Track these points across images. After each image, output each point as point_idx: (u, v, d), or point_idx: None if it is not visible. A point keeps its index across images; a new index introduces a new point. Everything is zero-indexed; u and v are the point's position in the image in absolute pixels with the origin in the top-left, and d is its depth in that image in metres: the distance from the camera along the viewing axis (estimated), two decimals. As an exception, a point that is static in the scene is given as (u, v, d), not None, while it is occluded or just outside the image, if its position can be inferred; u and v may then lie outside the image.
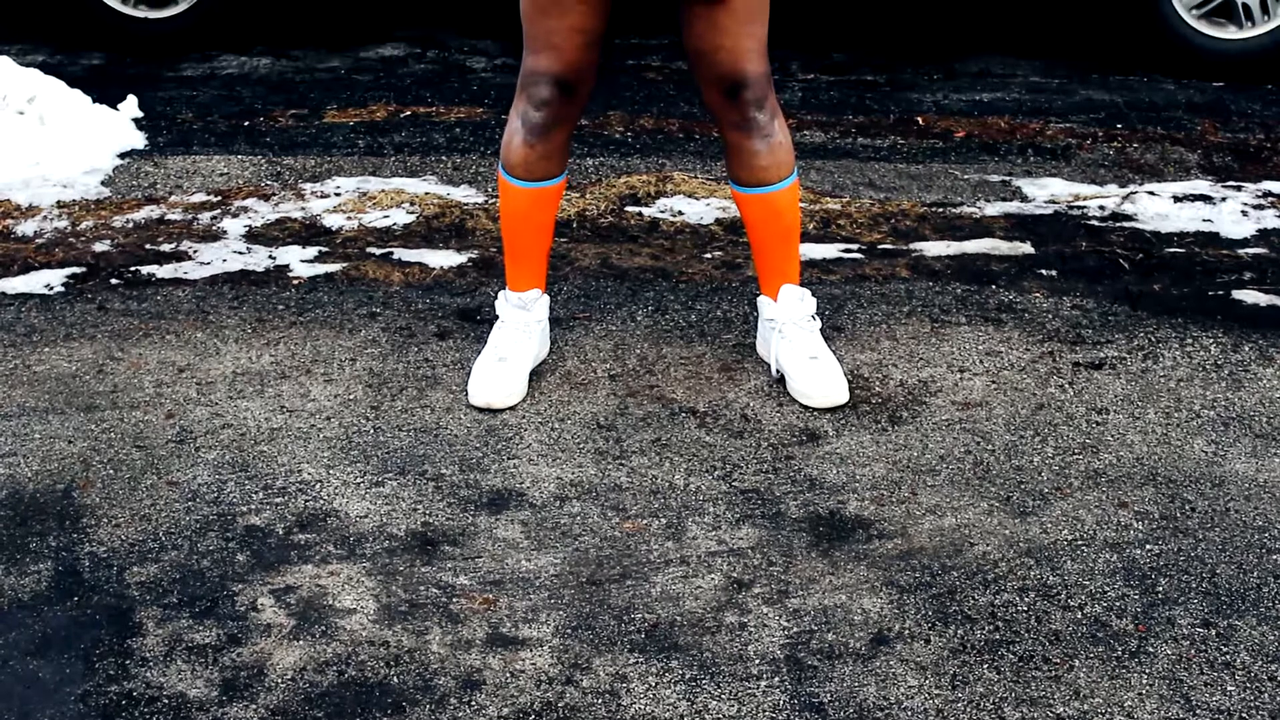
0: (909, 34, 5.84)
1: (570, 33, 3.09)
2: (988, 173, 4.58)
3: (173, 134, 4.90)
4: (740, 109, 3.19)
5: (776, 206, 3.31)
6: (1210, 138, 4.87)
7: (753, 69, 3.16)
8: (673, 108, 5.08)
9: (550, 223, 3.38)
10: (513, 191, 3.30)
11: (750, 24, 3.12)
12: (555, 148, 3.25)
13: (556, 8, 3.08)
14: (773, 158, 3.26)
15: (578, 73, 3.15)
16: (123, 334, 3.64)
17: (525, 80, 3.19)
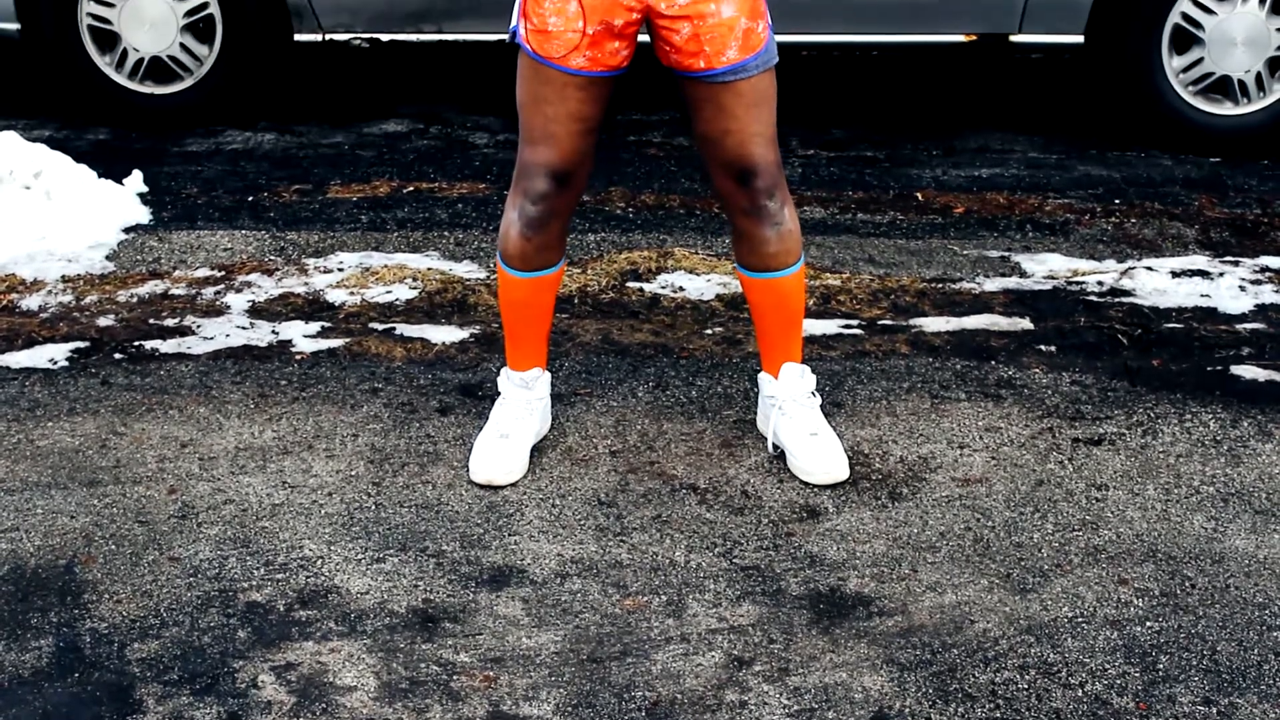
0: (908, 110, 5.89)
1: (568, 120, 3.10)
2: (987, 248, 4.61)
3: (177, 209, 4.93)
4: (751, 196, 3.20)
5: (783, 291, 3.32)
6: (1208, 213, 4.90)
7: (763, 156, 3.17)
8: (674, 183, 5.12)
9: (550, 307, 3.39)
10: (511, 281, 3.31)
11: (757, 108, 3.13)
12: (553, 238, 3.25)
13: (555, 95, 3.09)
14: (782, 245, 3.26)
15: (574, 163, 3.15)
16: (126, 409, 3.65)
17: (521, 173, 3.20)
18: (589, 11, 3.02)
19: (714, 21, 3.03)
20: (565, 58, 3.05)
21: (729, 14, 3.04)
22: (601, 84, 3.10)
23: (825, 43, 5.49)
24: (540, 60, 3.07)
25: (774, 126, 3.18)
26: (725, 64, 3.06)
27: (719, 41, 3.04)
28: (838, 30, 5.42)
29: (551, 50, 3.05)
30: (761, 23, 3.10)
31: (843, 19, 5.38)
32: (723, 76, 3.07)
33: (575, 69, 3.05)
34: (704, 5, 3.03)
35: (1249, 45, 5.26)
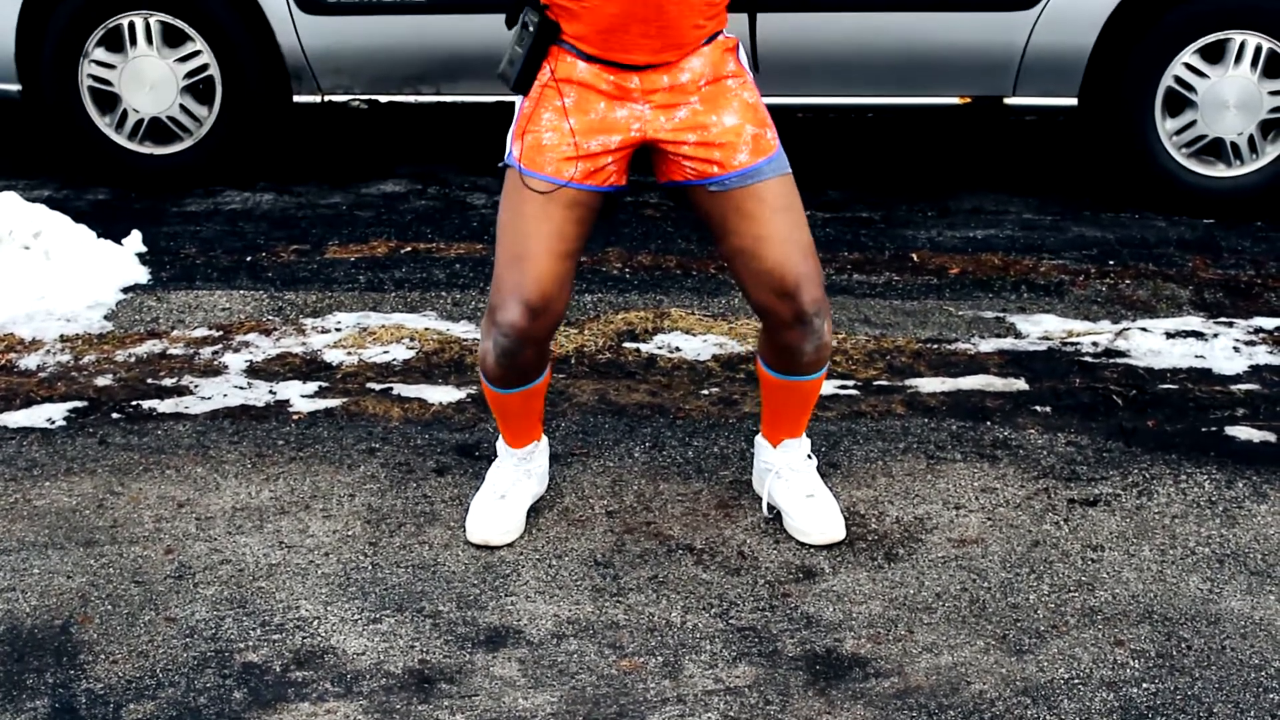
0: (903, 171, 5.93)
1: (548, 238, 3.02)
2: (982, 309, 4.63)
3: (176, 269, 4.95)
4: (797, 312, 3.10)
5: (804, 390, 3.30)
6: (1201, 274, 4.92)
7: (804, 267, 3.08)
8: (670, 244, 5.14)
9: (540, 405, 3.36)
10: (495, 394, 3.28)
11: (785, 213, 3.07)
12: (530, 362, 3.17)
13: (539, 211, 3.02)
14: (817, 355, 3.20)
15: (549, 290, 3.04)
16: (123, 469, 3.66)
17: (493, 303, 3.10)
18: (585, 129, 3.01)
19: (718, 130, 3.03)
20: (558, 170, 3.01)
21: (732, 122, 3.04)
22: (587, 205, 3.06)
23: (821, 105, 5.53)
24: (531, 174, 3.02)
25: (809, 236, 3.11)
26: (739, 167, 3.03)
27: (729, 147, 3.02)
28: (833, 93, 5.46)
29: (543, 163, 3.02)
30: (769, 130, 3.08)
31: (838, 82, 5.42)
32: (740, 181, 3.03)
33: (565, 179, 3.01)
34: (704, 117, 3.03)
35: (1241, 108, 5.30)
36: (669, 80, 3.01)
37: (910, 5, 5.26)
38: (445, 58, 5.44)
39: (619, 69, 3.00)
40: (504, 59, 3.08)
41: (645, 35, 2.95)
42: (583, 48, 3.00)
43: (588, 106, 3.01)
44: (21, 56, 5.58)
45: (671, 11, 2.94)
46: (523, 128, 3.05)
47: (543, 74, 3.04)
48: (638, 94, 3.01)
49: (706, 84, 3.04)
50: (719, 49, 3.06)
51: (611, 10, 2.93)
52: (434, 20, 5.37)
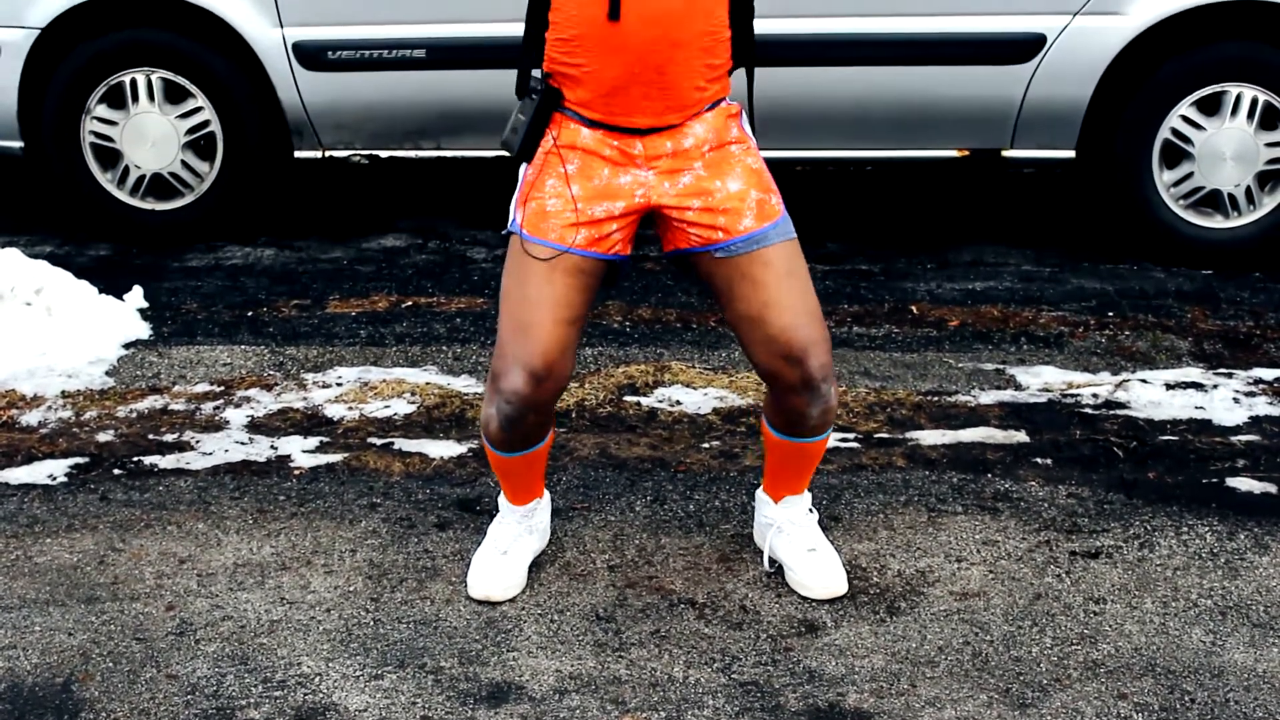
0: (902, 223, 5.95)
1: (552, 306, 3.03)
2: (982, 361, 4.64)
3: (177, 324, 4.96)
4: (805, 378, 3.10)
5: (808, 450, 3.30)
6: (1200, 325, 4.93)
7: (811, 332, 3.08)
8: (670, 298, 5.16)
9: (542, 466, 3.36)
10: (498, 457, 3.28)
11: (790, 278, 3.07)
12: (533, 426, 3.16)
13: (543, 278, 3.03)
14: (823, 418, 3.20)
15: (552, 358, 3.04)
16: (124, 525, 3.66)
17: (497, 367, 3.10)
18: (589, 196, 3.03)
19: (723, 195, 3.04)
20: (562, 236, 3.02)
21: (736, 187, 3.05)
22: (591, 273, 3.07)
23: (820, 158, 5.55)
24: (535, 240, 3.03)
25: (816, 301, 3.11)
26: (744, 232, 3.04)
27: (734, 213, 3.04)
28: (832, 146, 5.49)
29: (547, 230, 3.03)
30: (774, 196, 3.09)
31: (837, 135, 5.45)
32: (745, 246, 3.04)
33: (570, 245, 3.02)
34: (708, 182, 3.05)
35: (1238, 160, 5.32)
36: (672, 146, 3.03)
37: (908, 59, 5.29)
38: (445, 113, 5.47)
39: (622, 133, 3.01)
40: (507, 127, 3.09)
41: (647, 98, 2.97)
42: (586, 113, 3.01)
43: (591, 173, 3.03)
44: (24, 113, 5.61)
45: (672, 74, 2.96)
46: (526, 195, 3.07)
47: (546, 141, 3.05)
48: (641, 160, 3.03)
49: (710, 150, 3.05)
50: (722, 115, 3.07)
51: (613, 73, 2.95)
52: (434, 76, 5.41)
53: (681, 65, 2.97)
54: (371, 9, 5.38)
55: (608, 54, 2.95)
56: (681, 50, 2.96)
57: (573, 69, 2.99)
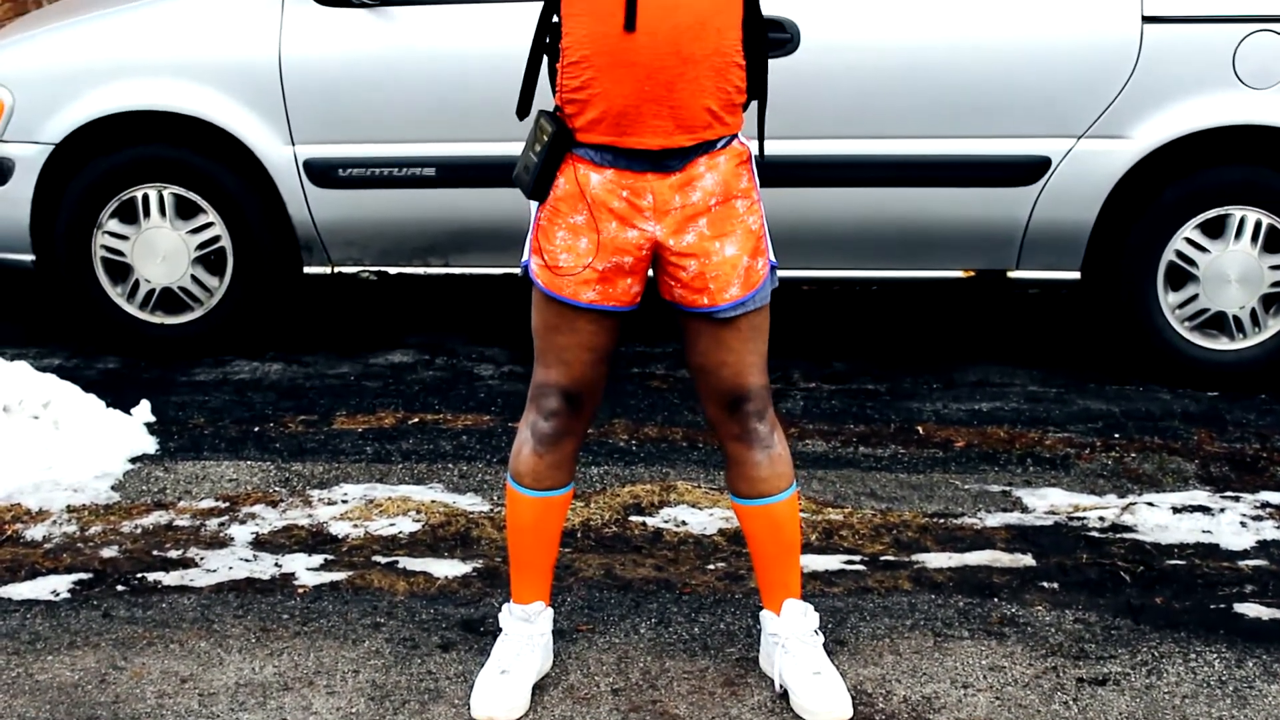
0: (908, 343, 5.96)
1: (579, 350, 3.19)
2: (988, 483, 4.63)
3: (184, 439, 4.97)
4: (741, 421, 3.26)
5: (777, 519, 3.35)
6: (1207, 447, 4.93)
7: (754, 382, 3.25)
8: (677, 416, 5.16)
9: (556, 534, 3.42)
10: (521, 501, 3.35)
11: (753, 340, 3.22)
12: (563, 457, 3.31)
13: (567, 326, 3.17)
14: (773, 469, 3.31)
15: (586, 387, 3.24)
16: (127, 642, 3.64)
17: (535, 392, 3.27)
18: (598, 250, 3.10)
19: (718, 260, 3.11)
20: (576, 293, 3.13)
21: (732, 252, 3.12)
22: (613, 316, 3.19)
23: (826, 278, 5.58)
24: (550, 295, 3.16)
25: (765, 354, 3.27)
26: (728, 301, 3.15)
27: (723, 280, 3.12)
28: (838, 266, 5.52)
29: (562, 286, 3.14)
30: (762, 259, 3.18)
31: (843, 255, 5.48)
32: (724, 313, 3.16)
33: (586, 303, 3.13)
34: (709, 244, 3.11)
35: (1243, 282, 5.34)
36: (681, 200, 3.08)
37: (914, 181, 5.33)
38: (454, 231, 5.51)
39: (634, 173, 3.05)
40: (519, 163, 3.17)
41: (657, 116, 3.03)
42: (597, 138, 3.06)
43: (600, 225, 3.09)
44: (36, 226, 5.65)
45: (682, 91, 3.01)
46: (539, 243, 3.15)
47: (557, 186, 3.11)
48: (649, 212, 3.08)
49: (717, 204, 3.11)
50: (733, 161, 3.13)
51: (623, 91, 3.00)
52: (443, 194, 5.45)
53: (691, 83, 3.02)
54: (382, 127, 5.43)
55: (618, 70, 3.00)
56: (692, 67, 3.01)
57: (582, 93, 3.05)
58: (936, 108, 5.28)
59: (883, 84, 5.26)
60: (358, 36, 5.40)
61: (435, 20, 5.41)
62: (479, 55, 5.33)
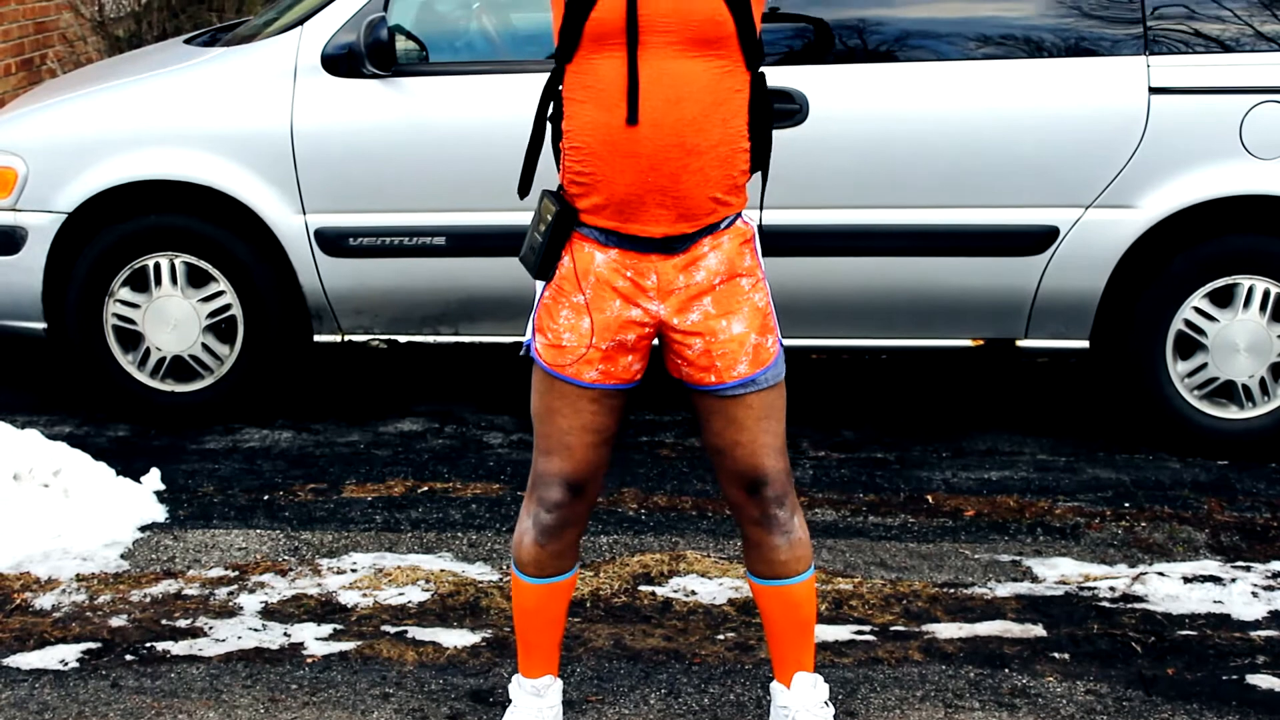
0: (917, 411, 5.96)
1: (582, 432, 3.14)
2: (998, 552, 4.62)
3: (193, 507, 4.97)
4: (761, 505, 3.21)
5: (793, 599, 3.31)
6: (1217, 517, 4.92)
7: (773, 465, 3.19)
8: (686, 485, 5.16)
9: (563, 614, 3.39)
10: (525, 588, 3.32)
11: (766, 420, 3.16)
12: (566, 545, 3.27)
13: (569, 407, 3.13)
14: (792, 553, 3.26)
15: (588, 473, 3.19)
16: (135, 713, 3.63)
17: (536, 481, 3.22)
18: (601, 329, 3.08)
19: (725, 338, 3.10)
20: (578, 371, 3.11)
21: (739, 330, 3.11)
22: (616, 396, 3.16)
23: (835, 347, 5.59)
24: (554, 374, 3.13)
25: (783, 436, 3.21)
26: (735, 378, 3.11)
27: (730, 357, 3.10)
28: (847, 335, 5.53)
29: (565, 364, 3.11)
30: (771, 337, 3.16)
31: (852, 324, 5.49)
32: (733, 391, 3.12)
33: (588, 382, 3.11)
34: (715, 322, 3.10)
35: (1251, 351, 5.35)
36: (685, 280, 3.07)
37: (923, 250, 5.35)
38: (465, 300, 5.53)
39: (637, 254, 3.05)
40: (525, 243, 3.16)
41: (662, 205, 3.01)
42: (600, 222, 3.05)
43: (604, 304, 3.08)
44: (47, 295, 5.68)
45: (687, 183, 3.00)
46: (543, 322, 3.14)
47: (562, 264, 3.11)
48: (653, 292, 3.07)
49: (721, 283, 3.10)
50: (737, 240, 3.12)
51: (626, 180, 2.99)
52: (454, 263, 5.47)
53: (697, 174, 3.00)
54: (393, 197, 5.46)
55: (621, 160, 2.99)
56: (696, 159, 2.99)
57: (586, 177, 3.04)
58: (945, 178, 5.31)
59: (891, 154, 5.29)
60: (369, 107, 5.44)
61: (446, 91, 5.45)
62: (489, 125, 5.37)
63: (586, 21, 2.97)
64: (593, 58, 2.99)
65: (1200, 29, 5.30)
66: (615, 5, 2.96)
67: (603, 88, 2.98)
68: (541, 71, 3.44)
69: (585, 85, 3.00)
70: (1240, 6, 5.30)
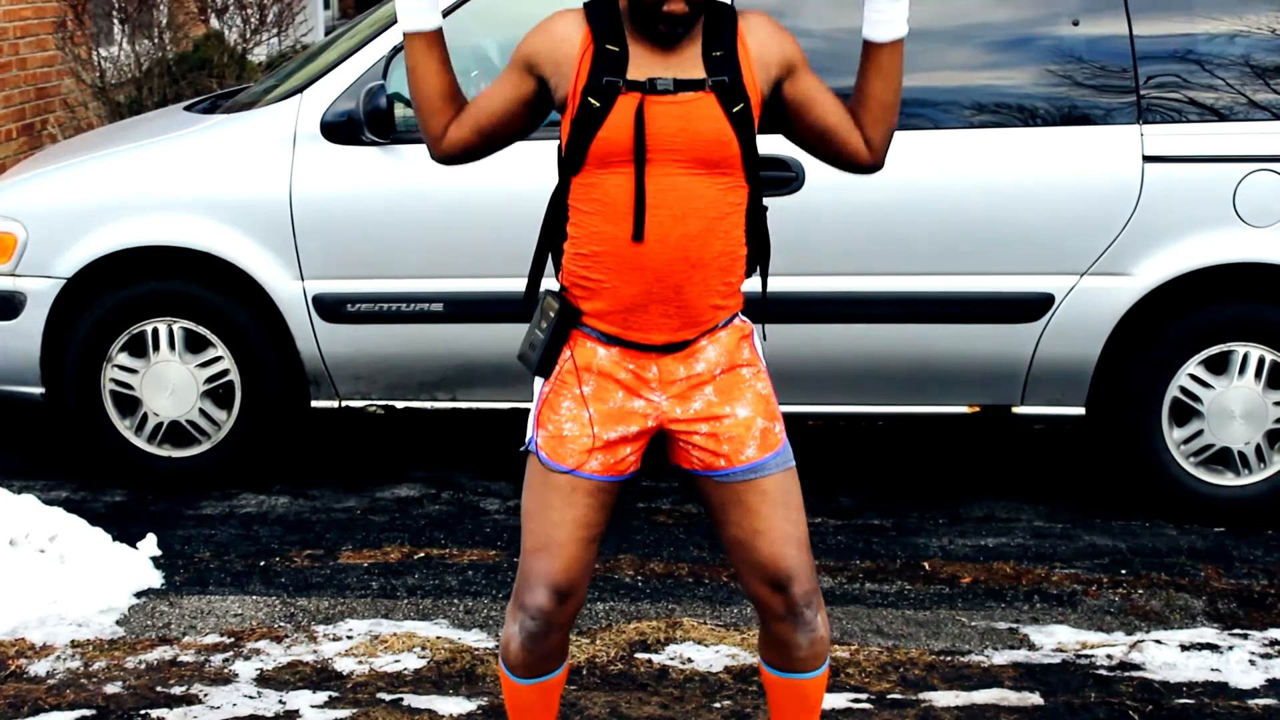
0: (914, 477, 5.97)
1: (573, 527, 3.07)
2: (995, 619, 4.62)
3: (190, 573, 4.97)
4: (788, 604, 3.12)
5: (805, 690, 3.26)
6: (1214, 584, 4.92)
7: (798, 559, 3.11)
8: (683, 551, 5.16)
9: (555, 704, 3.32)
10: (515, 686, 3.26)
11: (785, 507, 3.10)
12: (554, 648, 3.18)
13: (563, 501, 3.07)
14: (812, 649, 3.19)
15: (574, 575, 3.09)
16: (129, 781, 3.62)
17: (521, 586, 3.13)
18: (604, 419, 3.07)
19: (730, 422, 3.08)
20: (580, 462, 3.06)
21: (745, 414, 3.10)
22: (609, 491, 3.11)
23: (833, 413, 5.60)
24: (552, 465, 3.07)
25: (805, 528, 3.14)
26: (745, 462, 3.08)
27: (738, 441, 3.08)
28: (844, 402, 5.54)
29: (565, 455, 3.07)
30: (777, 424, 3.13)
31: (849, 391, 5.51)
32: (744, 475, 3.08)
33: (587, 473, 3.06)
34: (718, 408, 3.08)
35: (1247, 418, 5.36)
36: (685, 371, 3.07)
37: (919, 317, 5.37)
38: (462, 366, 5.54)
39: (638, 352, 3.06)
40: (524, 341, 3.16)
41: (665, 315, 3.02)
42: (602, 327, 3.06)
43: (606, 396, 3.07)
44: (45, 359, 5.69)
45: (690, 292, 3.02)
46: (544, 415, 3.11)
47: (563, 359, 3.11)
48: (655, 383, 3.07)
49: (722, 373, 3.10)
50: (735, 336, 3.12)
51: (631, 290, 3.01)
52: (451, 329, 5.49)
53: (699, 284, 3.02)
54: (391, 263, 5.48)
55: (627, 272, 3.00)
56: (700, 270, 3.02)
57: (590, 283, 3.05)
58: (940, 245, 5.33)
59: (887, 222, 5.32)
60: (368, 174, 5.47)
61: (445, 158, 5.48)
62: (487, 193, 5.39)
63: (594, 141, 2.99)
64: (599, 173, 3.01)
65: (1194, 97, 5.34)
66: (623, 125, 2.98)
67: (609, 201, 3.00)
68: (538, 140, 3.46)
69: (592, 198, 3.02)
70: (1233, 75, 5.34)
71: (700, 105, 2.99)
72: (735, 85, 3.02)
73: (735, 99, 3.01)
